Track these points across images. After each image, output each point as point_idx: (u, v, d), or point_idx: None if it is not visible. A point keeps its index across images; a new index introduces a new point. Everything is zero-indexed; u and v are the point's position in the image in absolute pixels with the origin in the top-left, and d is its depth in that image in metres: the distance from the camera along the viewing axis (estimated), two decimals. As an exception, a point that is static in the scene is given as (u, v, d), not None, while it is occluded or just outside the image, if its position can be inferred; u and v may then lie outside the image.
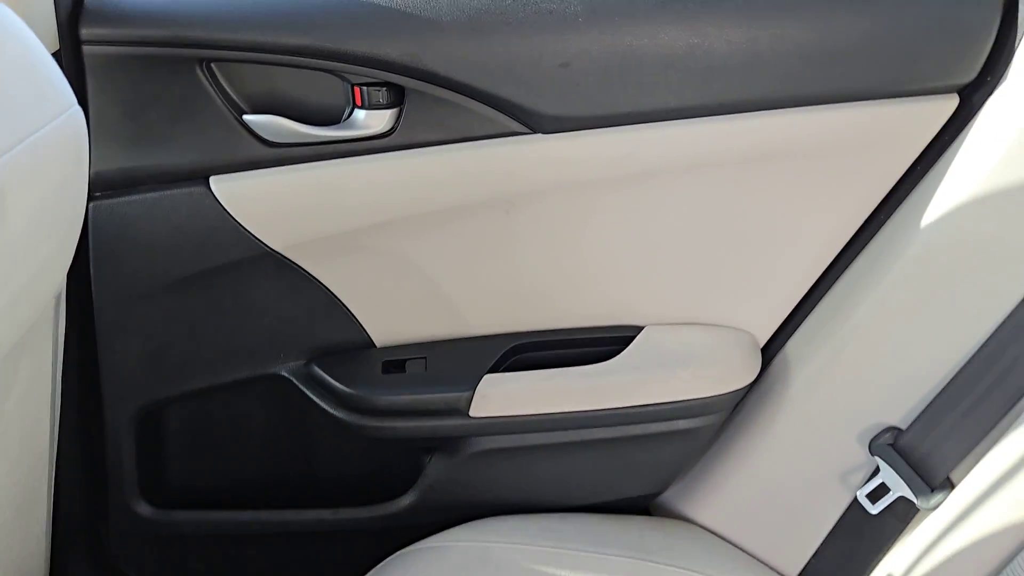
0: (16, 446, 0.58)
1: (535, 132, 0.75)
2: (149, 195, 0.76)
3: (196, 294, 0.80)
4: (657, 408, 0.82)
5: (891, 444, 0.76)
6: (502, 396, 0.81)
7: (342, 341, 0.85)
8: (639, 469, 0.87)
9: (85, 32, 0.70)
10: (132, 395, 0.83)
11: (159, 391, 0.84)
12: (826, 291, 0.83)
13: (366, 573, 0.78)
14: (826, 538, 0.81)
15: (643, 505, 0.92)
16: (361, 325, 0.84)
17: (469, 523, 0.82)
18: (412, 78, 0.73)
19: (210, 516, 0.89)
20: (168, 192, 0.76)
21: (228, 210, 0.76)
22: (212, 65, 0.73)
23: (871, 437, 0.77)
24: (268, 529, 0.90)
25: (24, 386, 0.56)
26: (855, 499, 0.78)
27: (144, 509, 0.87)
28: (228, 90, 0.74)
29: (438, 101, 0.74)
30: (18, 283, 0.46)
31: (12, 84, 0.45)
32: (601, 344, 0.85)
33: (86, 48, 0.70)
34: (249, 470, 0.91)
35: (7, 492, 0.60)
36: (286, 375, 0.85)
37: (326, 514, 0.89)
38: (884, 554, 0.76)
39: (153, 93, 0.73)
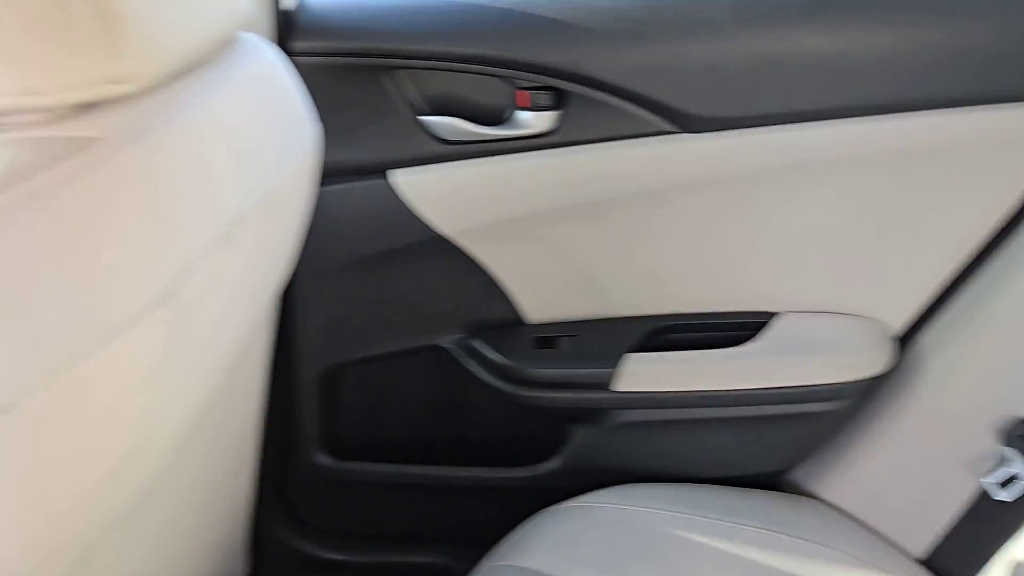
0: (251, 398, 0.70)
1: (684, 132, 0.82)
2: (339, 186, 0.86)
3: (375, 272, 0.91)
4: (789, 391, 0.87)
5: (1022, 435, 0.78)
6: (643, 373, 0.88)
7: (498, 317, 0.94)
8: (769, 447, 0.93)
9: (297, 46, 0.80)
10: (318, 358, 0.95)
11: (340, 356, 0.95)
12: (963, 285, 0.86)
13: (513, 527, 0.87)
14: (953, 522, 0.84)
15: (772, 481, 0.97)
16: (517, 303, 0.93)
17: (609, 488, 0.89)
18: (573, 82, 0.81)
19: (378, 468, 1.01)
20: (354, 184, 0.86)
21: (405, 200, 0.86)
22: (397, 72, 0.83)
23: (1003, 427, 0.80)
24: (428, 482, 1.01)
25: (259, 347, 0.67)
26: (984, 486, 0.81)
27: (323, 459, 1.00)
28: (409, 94, 0.84)
29: (596, 103, 0.82)
30: (287, 264, 0.57)
31: (289, 106, 0.55)
32: (737, 328, 0.91)
33: (295, 60, 0.81)
34: (412, 428, 1.02)
35: (238, 439, 0.71)
36: (446, 346, 0.95)
37: (480, 472, 0.99)
38: (1011, 540, 0.79)
39: (346, 98, 0.83)
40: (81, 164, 0.36)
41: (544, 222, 0.88)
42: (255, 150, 0.48)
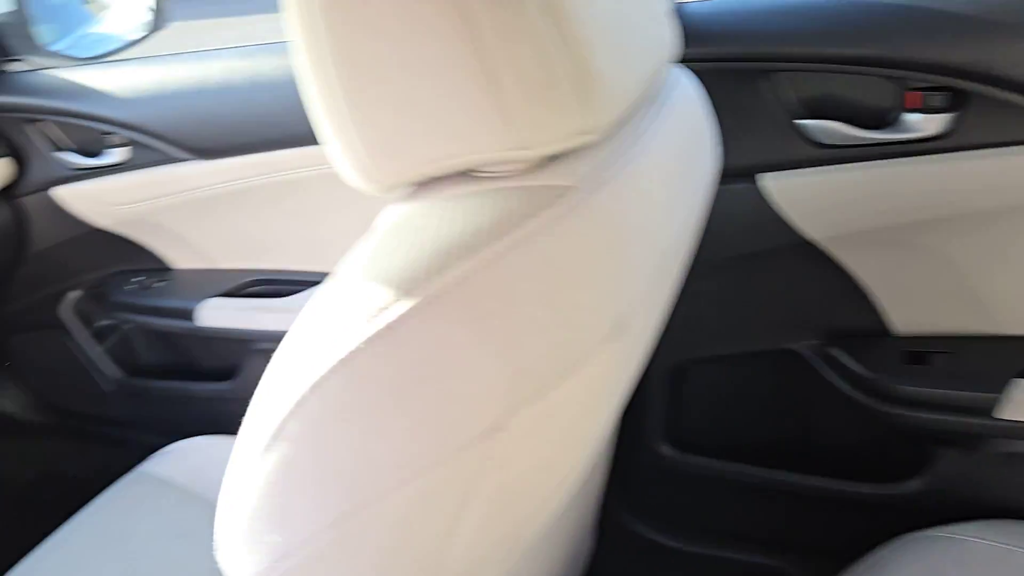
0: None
1: (1113, 135, 0.72)
2: None
3: (735, 273, 0.91)
4: None
5: None
6: (1035, 402, 0.80)
7: (860, 327, 0.90)
8: None
9: (686, 52, 0.82)
10: (670, 353, 0.97)
11: (691, 352, 0.97)
12: None
13: (857, 542, 0.83)
14: None
15: None
16: (884, 314, 0.88)
17: (981, 521, 0.82)
18: (978, 82, 0.74)
19: (720, 464, 1.01)
20: (722, 187, 0.86)
21: (773, 204, 0.85)
22: (775, 75, 0.81)
23: None
24: (769, 485, 0.99)
25: None
26: None
27: (667, 450, 1.02)
28: (785, 97, 0.82)
29: (1002, 104, 0.74)
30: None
31: (704, 130, 0.57)
32: None
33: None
34: (754, 430, 1.01)
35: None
36: (802, 352, 0.93)
37: (826, 482, 0.96)
38: None
39: (721, 102, 0.83)
40: (560, 211, 0.40)
41: (925, 230, 0.82)
42: (684, 180, 0.50)
